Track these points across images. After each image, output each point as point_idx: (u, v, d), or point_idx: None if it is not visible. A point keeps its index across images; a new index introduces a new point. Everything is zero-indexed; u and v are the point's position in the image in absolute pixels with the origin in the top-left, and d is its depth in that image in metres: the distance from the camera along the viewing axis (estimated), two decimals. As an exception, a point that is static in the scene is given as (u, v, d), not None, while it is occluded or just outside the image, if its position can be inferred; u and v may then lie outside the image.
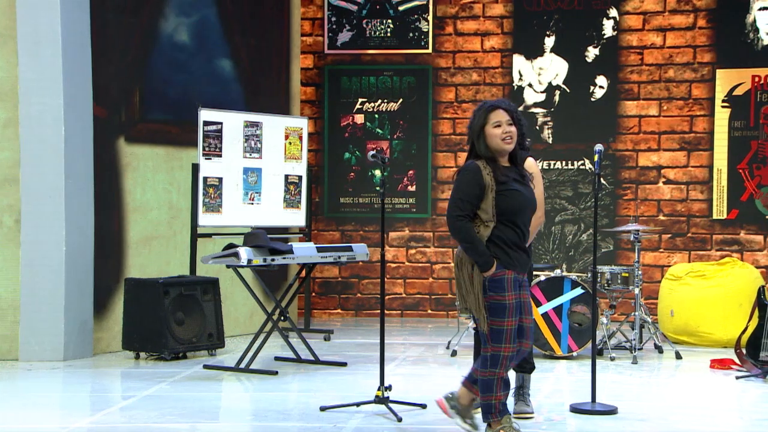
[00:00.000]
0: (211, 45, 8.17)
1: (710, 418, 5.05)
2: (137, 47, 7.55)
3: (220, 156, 7.26)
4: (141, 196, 7.46)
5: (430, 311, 9.69)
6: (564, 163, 9.47)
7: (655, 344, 7.24)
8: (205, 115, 7.14)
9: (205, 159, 7.14)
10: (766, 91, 9.08)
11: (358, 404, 5.05)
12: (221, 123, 7.24)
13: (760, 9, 9.13)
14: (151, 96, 7.62)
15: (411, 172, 9.73)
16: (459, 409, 4.47)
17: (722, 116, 9.18)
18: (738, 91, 9.14)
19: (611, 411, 5.05)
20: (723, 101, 9.17)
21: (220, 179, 7.26)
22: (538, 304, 6.81)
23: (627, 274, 7.08)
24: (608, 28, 9.43)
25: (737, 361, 6.35)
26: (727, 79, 9.17)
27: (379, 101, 9.77)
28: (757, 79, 9.09)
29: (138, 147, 7.46)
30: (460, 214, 4.28)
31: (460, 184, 4.32)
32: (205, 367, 6.43)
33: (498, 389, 4.28)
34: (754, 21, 9.16)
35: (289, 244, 6.53)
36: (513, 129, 4.35)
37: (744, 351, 6.24)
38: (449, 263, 9.63)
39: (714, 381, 6.16)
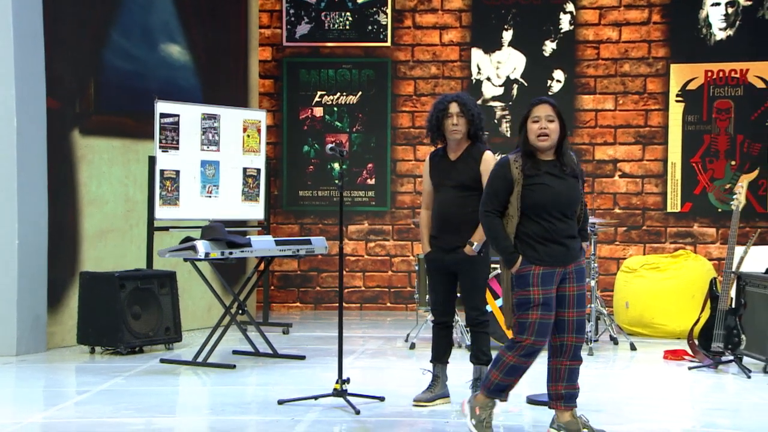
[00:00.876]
0: (168, 37, 8.09)
1: (663, 408, 5.13)
2: (92, 38, 7.44)
3: (177, 149, 7.20)
4: (96, 189, 7.37)
5: (389, 304, 9.71)
6: (522, 156, 9.54)
7: (610, 336, 7.34)
8: (162, 107, 7.06)
9: (162, 152, 7.07)
10: (718, 85, 9.23)
11: (316, 397, 5.05)
12: (178, 115, 7.17)
13: (712, 5, 9.28)
14: (107, 88, 7.52)
15: (370, 165, 9.73)
16: (567, 427, 4.35)
17: (676, 110, 9.31)
18: (691, 86, 9.28)
19: (567, 402, 5.10)
20: (677, 96, 9.30)
21: (178, 172, 7.19)
22: (496, 296, 6.85)
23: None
24: (565, 23, 9.51)
25: (690, 352, 6.45)
26: (680, 74, 9.30)
27: (338, 94, 9.75)
28: (709, 74, 9.24)
29: (93, 139, 7.37)
30: (488, 209, 4.26)
31: (491, 179, 4.33)
32: (162, 361, 6.38)
33: (500, 369, 4.23)
34: (707, 16, 9.30)
35: (248, 237, 6.49)
36: (552, 126, 4.25)
37: (696, 342, 6.34)
38: (408, 256, 9.65)
39: (667, 372, 6.26)
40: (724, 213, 9.07)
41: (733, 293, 6.26)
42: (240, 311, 6.62)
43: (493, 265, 6.88)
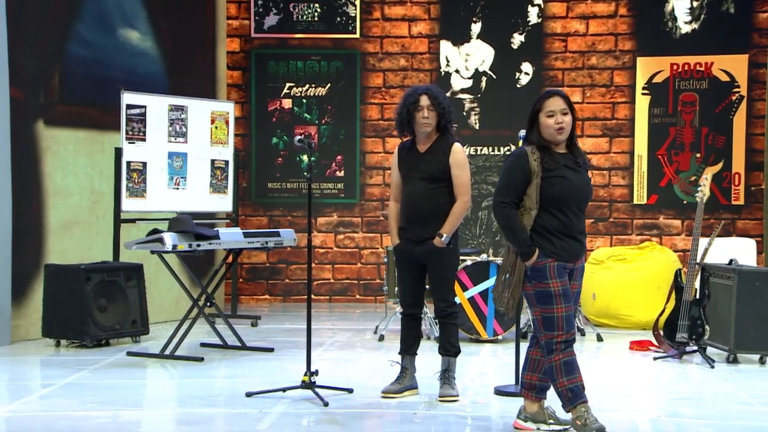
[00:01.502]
0: (134, 27, 8.00)
1: (629, 398, 5.19)
2: (56, 28, 7.34)
3: (144, 140, 7.14)
4: (61, 180, 7.28)
5: (358, 296, 9.71)
6: (490, 148, 9.58)
7: (578, 327, 7.40)
8: (128, 98, 7.00)
9: (129, 143, 7.01)
10: (684, 78, 9.32)
11: (284, 389, 5.04)
12: (145, 106, 7.12)
13: (678, -2, 9.38)
14: (71, 78, 7.43)
15: (339, 157, 9.71)
16: (533, 418, 4.38)
17: (642, 103, 9.40)
18: (657, 79, 9.37)
19: (534, 392, 5.14)
20: (643, 88, 9.39)
21: (144, 164, 7.14)
22: (465, 288, 6.88)
23: (551, 258, 7.20)
24: (533, 15, 9.55)
25: (655, 342, 6.53)
26: (647, 67, 9.39)
27: (307, 86, 9.72)
28: (675, 67, 9.33)
29: (58, 130, 7.28)
30: (504, 200, 4.16)
31: (507, 170, 4.21)
32: (129, 354, 6.33)
33: (560, 375, 4.14)
34: (673, 10, 9.39)
35: (216, 229, 6.46)
36: (567, 118, 4.19)
37: (661, 332, 6.41)
38: (377, 248, 9.66)
39: (633, 362, 6.33)
40: (689, 205, 9.18)
41: (697, 284, 6.34)
42: (208, 304, 6.59)
43: (462, 257, 6.92)
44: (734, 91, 9.22)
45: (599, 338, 7.15)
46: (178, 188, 7.36)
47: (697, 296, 6.28)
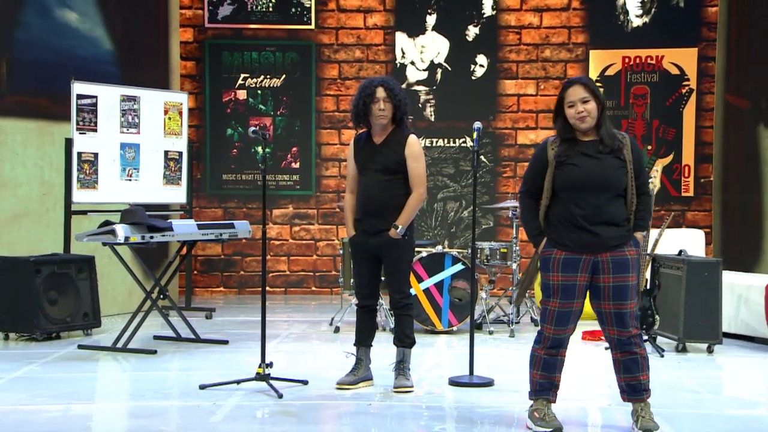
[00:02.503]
0: (85, 16, 7.87)
1: (580, 388, 5.25)
2: (4, 17, 7.19)
3: (96, 131, 7.04)
4: (9, 171, 7.15)
5: (314, 288, 9.69)
6: (446, 140, 9.61)
7: (531, 318, 7.47)
8: (79, 88, 6.89)
9: (80, 133, 6.91)
10: (635, 71, 9.45)
11: (238, 382, 5.01)
12: (96, 97, 7.02)
13: (630, -8, 9.49)
14: (20, 67, 7.29)
15: (294, 149, 9.67)
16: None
17: (595, 96, 9.49)
18: (610, 72, 9.48)
19: (488, 383, 5.18)
20: (596, 81, 9.49)
21: (96, 155, 7.04)
22: (420, 280, 6.91)
23: (505, 250, 7.25)
24: (488, 7, 9.59)
25: (607, 331, 6.61)
26: (599, 60, 9.49)
27: (262, 77, 9.66)
28: (627, 60, 9.45)
29: (6, 120, 7.14)
30: (523, 189, 4.21)
31: (531, 160, 4.25)
32: (80, 347, 6.25)
33: (536, 366, 4.17)
34: (624, 3, 9.51)
35: (169, 221, 6.39)
36: (588, 106, 4.06)
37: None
38: (333, 240, 9.65)
39: (585, 352, 6.41)
40: (640, 197, 9.29)
41: (648, 275, 6.44)
42: (161, 296, 6.52)
43: (417, 249, 6.94)
44: (684, 84, 9.37)
45: (552, 328, 7.22)
46: (130, 180, 7.27)
47: (648, 287, 6.38)
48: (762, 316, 6.47)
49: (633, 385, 4.19)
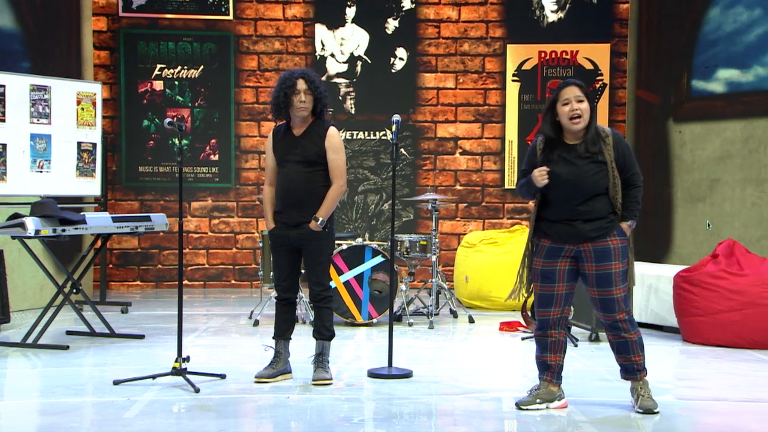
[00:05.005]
0: (-7, 1, 7.61)
1: (497, 377, 5.34)
2: None
3: (4, 121, 6.81)
4: None
5: (233, 282, 9.60)
6: (366, 133, 9.62)
7: (450, 309, 7.55)
8: (-14, 76, 6.65)
9: (-13, 123, 6.67)
10: (551, 66, 9.62)
11: (153, 377, 4.93)
12: (4, 86, 6.78)
13: (546, -12, 9.65)
14: (-76, 54, 7.00)
15: (213, 141, 9.55)
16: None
17: (513, 90, 9.65)
18: (526, 66, 9.64)
19: (406, 375, 5.22)
20: (513, 75, 9.64)
21: (4, 145, 6.81)
22: (340, 272, 6.90)
23: (425, 242, 7.31)
24: (407, 1, 9.63)
25: (523, 323, 6.73)
26: (516, 54, 9.64)
27: (179, 68, 9.50)
28: (543, 54, 9.62)
29: None
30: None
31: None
32: (-11, 344, 6.05)
33: (539, 349, 4.47)
34: (540, -1, 9.67)
35: (82, 213, 6.23)
36: (582, 106, 4.28)
37: (529, 313, 6.61)
38: (253, 233, 9.57)
39: (502, 342, 6.51)
40: (556, 189, 9.48)
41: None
42: (74, 290, 6.36)
43: (337, 242, 6.93)
44: (598, 79, 9.59)
45: (471, 320, 7.32)
46: (41, 171, 7.06)
47: (563, 277, 6.50)
48: (670, 306, 6.67)
49: (626, 366, 4.46)
